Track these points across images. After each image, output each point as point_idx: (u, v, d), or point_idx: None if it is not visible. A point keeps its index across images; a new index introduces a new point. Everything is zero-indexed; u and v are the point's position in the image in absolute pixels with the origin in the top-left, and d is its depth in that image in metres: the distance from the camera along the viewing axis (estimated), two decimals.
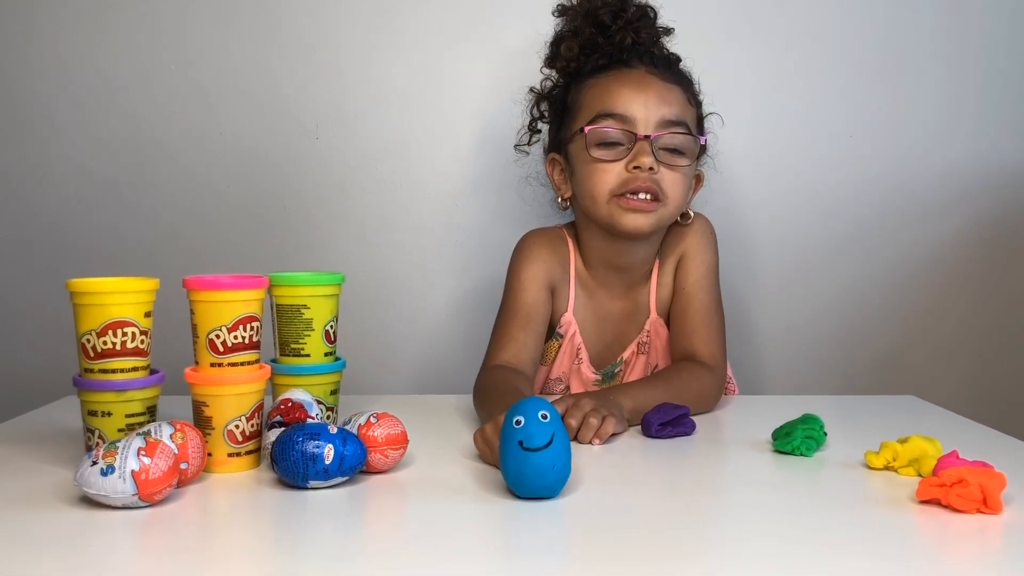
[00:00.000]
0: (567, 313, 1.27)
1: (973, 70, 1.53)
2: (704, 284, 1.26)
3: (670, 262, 1.27)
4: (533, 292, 1.24)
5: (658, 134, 1.18)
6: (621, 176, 1.18)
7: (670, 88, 1.21)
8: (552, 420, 0.81)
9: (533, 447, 0.79)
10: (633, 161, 1.17)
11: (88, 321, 0.90)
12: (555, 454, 0.80)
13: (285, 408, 0.93)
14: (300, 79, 1.51)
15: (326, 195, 1.53)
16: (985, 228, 1.55)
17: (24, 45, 1.50)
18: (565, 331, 1.27)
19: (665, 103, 1.19)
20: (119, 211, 1.53)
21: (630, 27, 1.23)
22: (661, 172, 1.18)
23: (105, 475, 0.77)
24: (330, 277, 1.04)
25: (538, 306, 1.24)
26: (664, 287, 1.27)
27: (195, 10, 1.50)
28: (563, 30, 1.27)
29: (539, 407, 0.82)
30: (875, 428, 1.08)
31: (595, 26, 1.24)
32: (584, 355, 1.28)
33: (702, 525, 0.78)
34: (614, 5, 1.24)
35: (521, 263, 1.26)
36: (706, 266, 1.26)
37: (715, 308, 1.26)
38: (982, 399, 1.57)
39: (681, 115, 1.20)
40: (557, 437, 0.80)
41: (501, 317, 1.25)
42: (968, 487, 0.78)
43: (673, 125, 1.19)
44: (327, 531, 0.77)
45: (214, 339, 0.92)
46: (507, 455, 0.81)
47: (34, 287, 1.54)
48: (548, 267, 1.26)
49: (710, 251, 1.27)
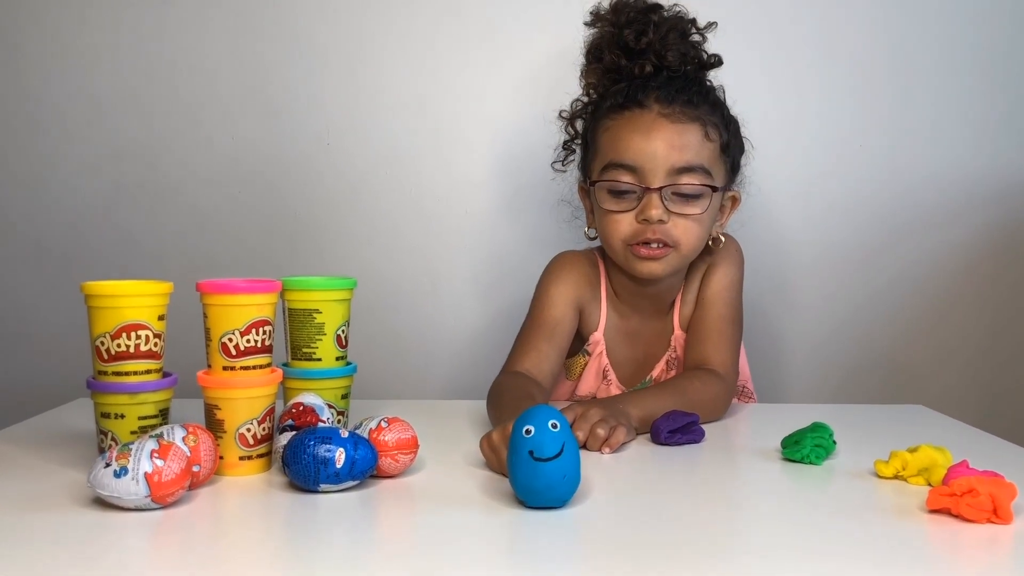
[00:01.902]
0: (596, 332, 1.27)
1: (980, 80, 1.53)
2: (724, 296, 1.25)
3: (695, 279, 1.27)
4: (560, 308, 1.24)
5: (666, 184, 1.16)
6: (632, 226, 1.18)
7: (683, 130, 1.16)
8: (562, 429, 0.81)
9: (544, 457, 0.79)
10: (642, 214, 1.16)
11: (102, 324, 0.91)
12: (566, 464, 0.79)
13: (296, 412, 0.94)
14: (312, 85, 1.52)
15: (337, 201, 1.54)
16: (995, 236, 1.55)
17: (39, 50, 1.52)
18: (593, 349, 1.28)
19: (675, 149, 1.15)
20: (132, 215, 1.54)
21: (652, 49, 1.19)
22: (673, 220, 1.17)
23: (118, 477, 0.78)
24: (342, 282, 1.05)
25: (564, 322, 1.24)
26: (688, 304, 1.28)
27: (209, 16, 1.51)
28: (594, 42, 1.24)
29: (549, 416, 0.81)
30: (884, 437, 1.08)
31: (619, 48, 1.20)
32: (612, 375, 1.28)
33: (711, 534, 0.78)
34: (638, 23, 1.20)
35: (551, 281, 1.26)
36: (728, 279, 1.26)
37: (732, 320, 1.25)
38: (992, 408, 1.57)
39: (694, 159, 1.16)
40: (567, 447, 0.80)
41: (526, 327, 1.25)
42: (978, 497, 0.78)
43: (684, 172, 1.16)
44: (338, 535, 0.77)
45: (226, 343, 0.92)
46: (517, 465, 0.80)
47: (48, 290, 1.55)
48: (578, 287, 1.26)
49: (735, 267, 1.27)
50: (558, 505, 0.81)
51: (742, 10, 1.50)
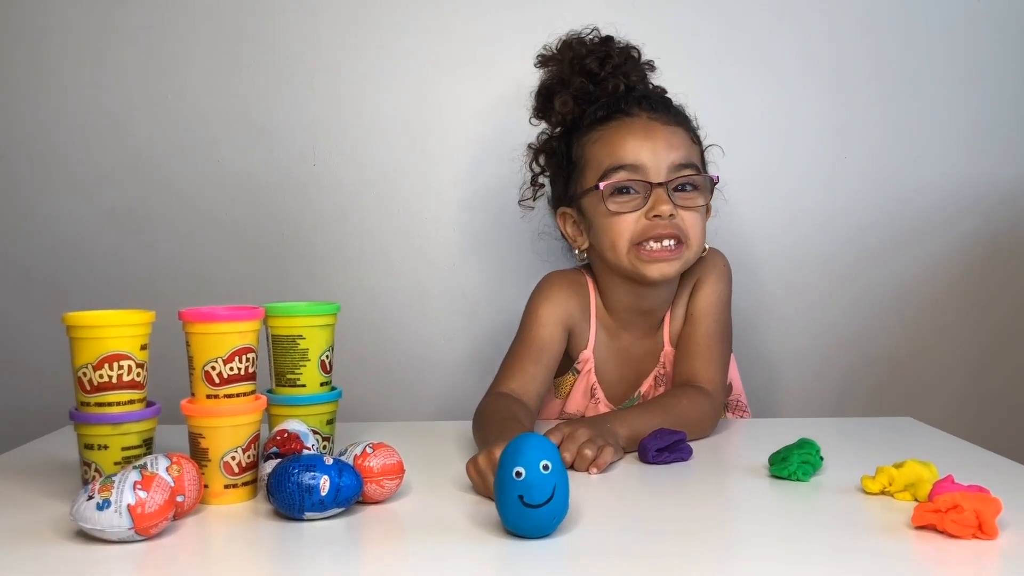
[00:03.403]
0: (586, 350, 1.27)
1: (967, 89, 1.53)
2: (712, 312, 1.26)
3: (684, 294, 1.28)
4: (549, 328, 1.24)
5: (671, 179, 1.18)
6: (640, 224, 1.18)
7: (674, 131, 1.21)
8: (554, 470, 0.77)
9: (534, 503, 0.77)
10: (652, 210, 1.17)
11: (84, 354, 0.90)
12: (555, 508, 0.77)
13: (281, 439, 0.94)
14: (298, 107, 1.52)
15: (324, 222, 1.54)
16: (982, 246, 1.56)
17: (27, 75, 1.52)
18: (582, 367, 1.28)
19: (672, 148, 1.19)
20: (119, 239, 1.54)
21: (619, 71, 1.23)
22: (680, 215, 1.18)
23: (101, 510, 0.77)
24: (325, 307, 1.05)
25: (552, 343, 1.24)
26: (677, 319, 1.28)
27: (194, 40, 1.51)
28: (549, 81, 1.27)
29: (540, 456, 0.77)
30: (872, 451, 1.08)
31: (584, 74, 1.24)
32: (600, 393, 1.28)
33: (699, 552, 0.78)
34: (598, 52, 1.24)
35: (540, 301, 1.26)
36: (716, 295, 1.26)
37: (720, 337, 1.25)
38: (980, 416, 1.57)
39: (688, 157, 1.20)
40: (559, 487, 0.77)
41: (514, 348, 1.25)
42: (963, 512, 0.78)
43: (683, 168, 1.19)
44: (323, 563, 0.77)
45: (210, 371, 0.92)
46: (505, 505, 0.78)
47: (34, 316, 1.54)
48: (567, 308, 1.26)
49: (722, 282, 1.28)
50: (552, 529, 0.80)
51: (725, 20, 1.51)
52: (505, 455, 0.79)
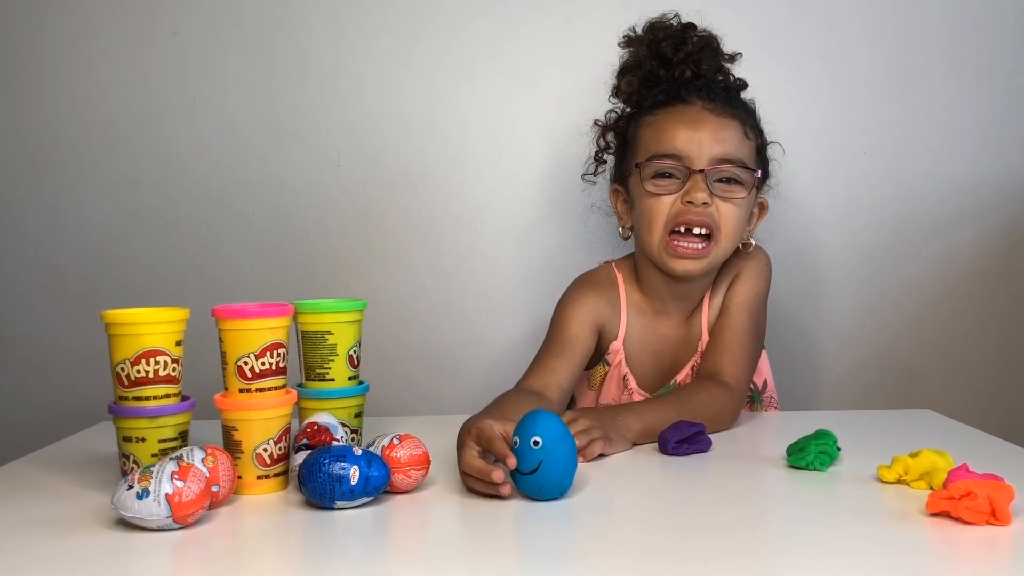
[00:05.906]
0: (616, 341, 1.28)
1: (984, 85, 1.54)
2: (747, 307, 1.26)
3: (722, 285, 1.29)
4: (576, 328, 1.25)
5: (711, 168, 1.19)
6: (675, 207, 1.20)
7: (725, 124, 1.21)
8: (544, 447, 0.87)
9: (521, 471, 0.88)
10: (687, 195, 1.19)
11: (122, 351, 0.94)
12: (542, 479, 0.87)
13: (311, 431, 0.96)
14: (322, 109, 1.55)
15: (349, 222, 1.57)
16: (999, 242, 1.56)
17: (57, 80, 1.56)
18: (612, 359, 1.29)
19: (718, 141, 1.20)
20: (149, 241, 1.57)
21: (691, 59, 1.24)
22: (716, 204, 1.19)
23: (141, 498, 0.80)
24: (352, 304, 1.07)
25: (579, 341, 1.25)
26: (715, 309, 1.28)
27: (221, 44, 1.54)
28: (628, 61, 1.29)
29: (533, 433, 0.88)
30: (888, 442, 1.08)
31: (657, 58, 1.25)
32: (632, 383, 1.29)
33: (717, 540, 0.80)
34: (676, 37, 1.25)
35: (569, 304, 1.28)
36: (753, 291, 1.27)
37: (752, 333, 1.26)
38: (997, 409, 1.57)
39: (735, 152, 1.20)
40: (545, 463, 0.87)
41: (541, 350, 1.26)
42: (976, 499, 0.80)
43: (726, 162, 1.20)
44: (353, 550, 0.80)
45: (242, 366, 0.95)
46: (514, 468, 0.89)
47: (68, 316, 1.58)
48: (596, 308, 1.27)
49: (761, 279, 1.29)
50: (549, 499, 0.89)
51: (744, 18, 1.52)
52: (517, 427, 0.90)
